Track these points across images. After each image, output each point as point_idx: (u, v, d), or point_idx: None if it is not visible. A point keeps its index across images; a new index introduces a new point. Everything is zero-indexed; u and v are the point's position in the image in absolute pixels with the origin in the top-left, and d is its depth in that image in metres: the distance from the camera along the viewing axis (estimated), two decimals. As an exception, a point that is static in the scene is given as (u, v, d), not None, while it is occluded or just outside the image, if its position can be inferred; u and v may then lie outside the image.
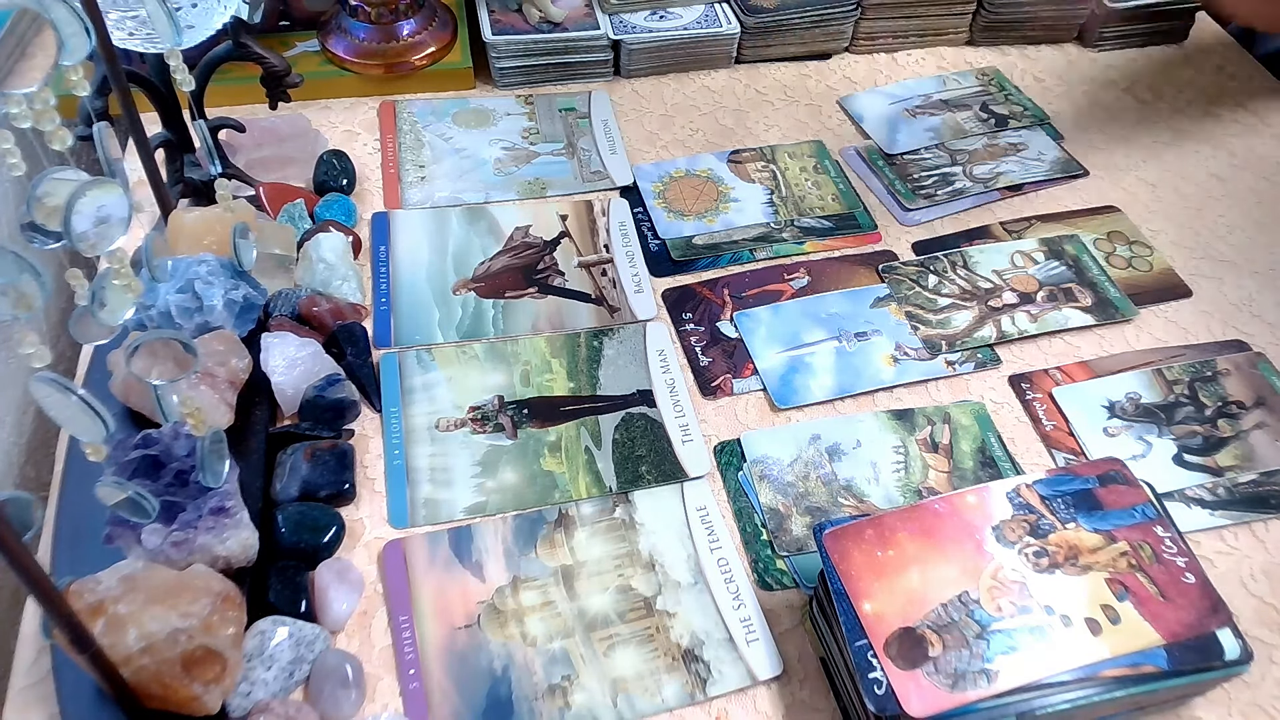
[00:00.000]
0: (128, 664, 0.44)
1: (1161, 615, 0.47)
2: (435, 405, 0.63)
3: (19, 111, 0.37)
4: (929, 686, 0.44)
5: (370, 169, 0.78)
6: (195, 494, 0.49)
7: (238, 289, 0.59)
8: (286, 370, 0.59)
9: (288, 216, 0.70)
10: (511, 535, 0.57)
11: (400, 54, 0.83)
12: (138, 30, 0.58)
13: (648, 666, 0.52)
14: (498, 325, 0.68)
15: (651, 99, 0.87)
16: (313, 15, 0.86)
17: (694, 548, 0.57)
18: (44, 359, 0.38)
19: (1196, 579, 0.48)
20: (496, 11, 0.86)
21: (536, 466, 0.60)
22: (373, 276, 0.70)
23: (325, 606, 0.52)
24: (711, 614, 0.54)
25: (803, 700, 0.51)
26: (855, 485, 0.60)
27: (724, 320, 0.69)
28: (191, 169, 0.68)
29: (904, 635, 0.45)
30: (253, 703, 0.47)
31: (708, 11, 0.89)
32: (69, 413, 0.39)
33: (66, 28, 0.39)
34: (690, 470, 0.60)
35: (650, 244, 0.74)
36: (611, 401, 0.64)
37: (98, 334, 0.44)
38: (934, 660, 0.44)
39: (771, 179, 0.80)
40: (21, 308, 0.36)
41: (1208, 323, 0.71)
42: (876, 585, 0.47)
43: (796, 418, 0.64)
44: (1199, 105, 0.90)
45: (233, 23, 0.62)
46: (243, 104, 0.79)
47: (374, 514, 0.57)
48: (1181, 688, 0.48)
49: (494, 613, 0.53)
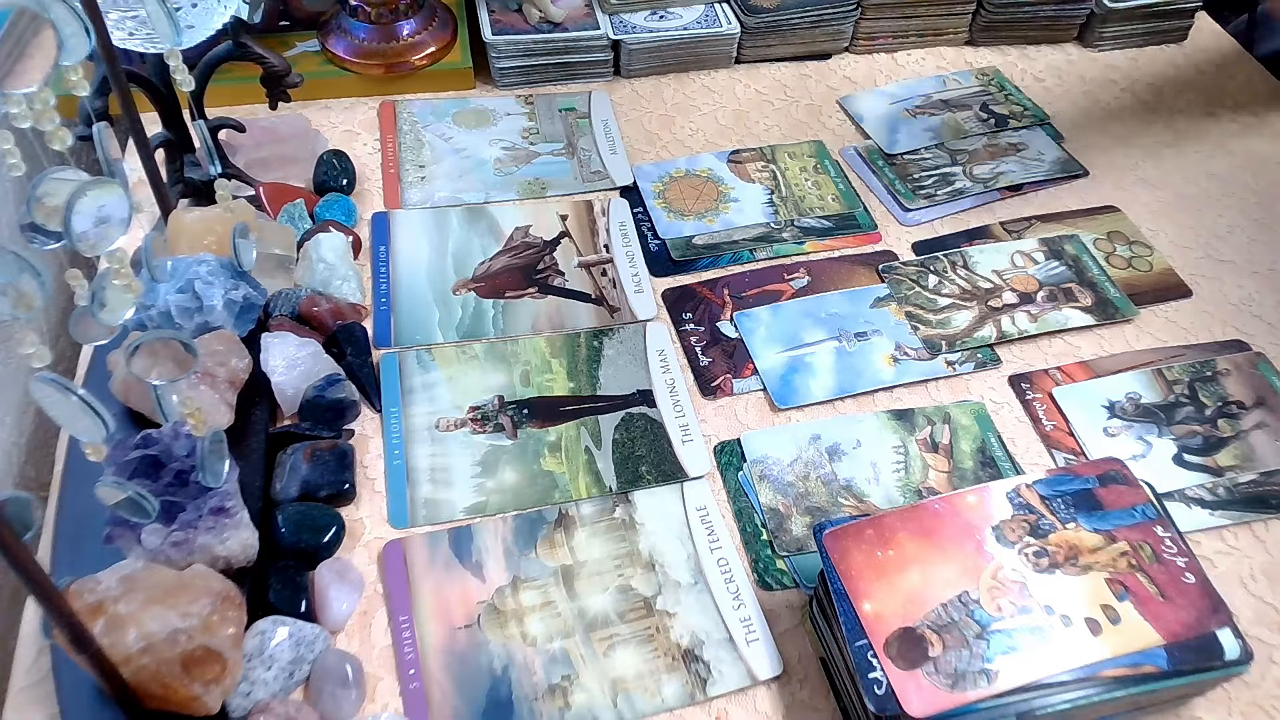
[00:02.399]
0: (128, 664, 0.44)
1: (1161, 615, 0.47)
2: (435, 405, 0.63)
3: (19, 111, 0.37)
4: (929, 686, 0.44)
5: (370, 169, 0.78)
6: (195, 494, 0.49)
7: (238, 289, 0.59)
8: (286, 370, 0.59)
9: (288, 216, 0.70)
10: (511, 535, 0.57)
11: (400, 54, 0.83)
12: (138, 30, 0.58)
13: (648, 666, 0.52)
14: (498, 325, 0.68)
15: (651, 99, 0.87)
16: (313, 15, 0.86)
17: (694, 548, 0.57)
18: (44, 359, 0.38)
19: (1196, 579, 0.48)
20: (496, 11, 0.86)
21: (536, 466, 0.60)
22: (373, 276, 0.70)
23: (325, 606, 0.52)
24: (711, 614, 0.54)
25: (803, 700, 0.51)
26: (855, 485, 0.60)
27: (724, 320, 0.69)
28: (191, 169, 0.68)
29: (904, 635, 0.45)
30: (253, 703, 0.47)
31: (708, 11, 0.89)
32: (69, 413, 0.39)
33: (66, 28, 0.39)
34: (690, 470, 0.60)
35: (650, 244, 0.74)
36: (611, 401, 0.64)
37: (98, 334, 0.44)
38: (934, 660, 0.44)
39: (771, 179, 0.80)
40: (21, 308, 0.36)
41: (1208, 323, 0.71)
42: (876, 585, 0.47)
43: (796, 418, 0.64)
44: (1199, 105, 0.90)
45: (233, 23, 0.62)
46: (243, 104, 0.79)
47: (374, 514, 0.57)
48: (1181, 687, 0.48)
49: (494, 613, 0.53)
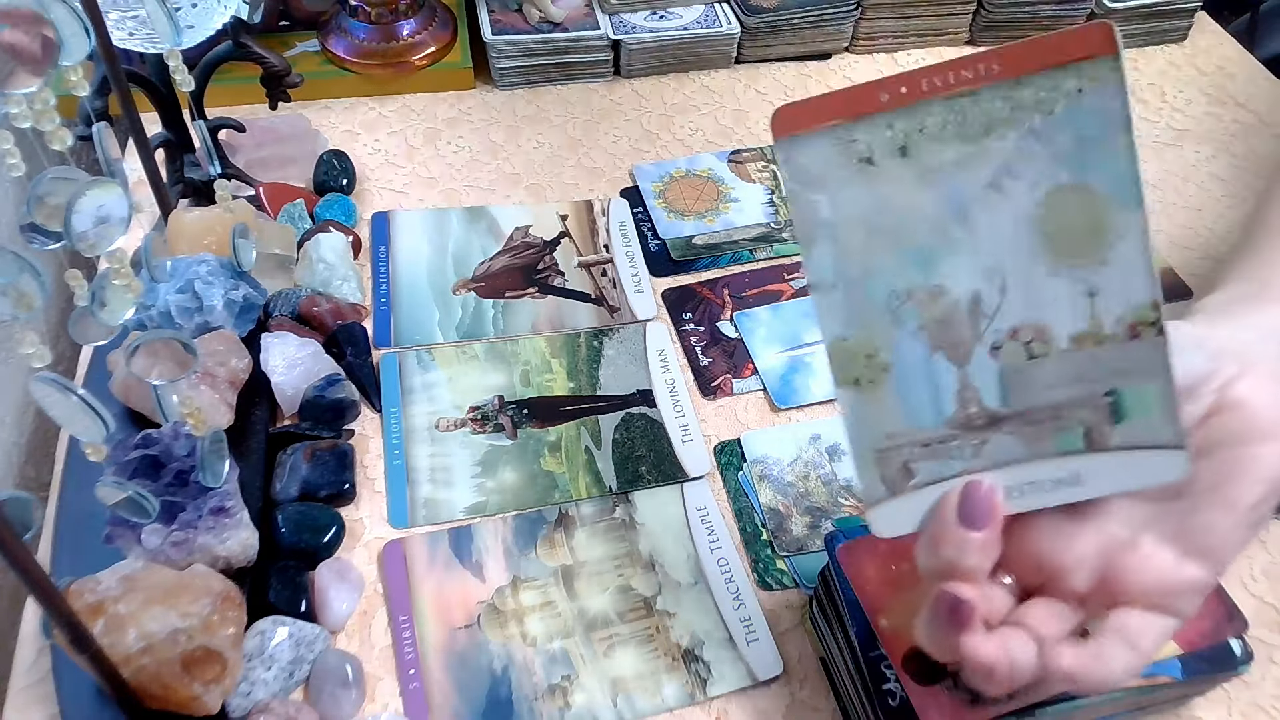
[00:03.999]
0: (128, 664, 0.44)
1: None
2: (435, 405, 0.63)
3: (19, 111, 0.37)
4: (949, 703, 0.43)
5: (370, 169, 0.78)
6: (195, 494, 0.49)
7: (238, 289, 0.59)
8: (286, 370, 0.59)
9: (288, 216, 0.70)
10: (511, 535, 0.57)
11: (400, 54, 0.83)
12: (138, 30, 0.58)
13: (648, 666, 0.52)
14: (498, 325, 0.68)
15: (651, 99, 0.87)
16: (313, 15, 0.86)
17: (694, 548, 0.57)
18: (44, 359, 0.38)
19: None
20: (496, 11, 0.86)
21: (536, 466, 0.60)
22: (373, 276, 0.70)
23: (325, 606, 0.52)
24: (711, 614, 0.54)
25: (803, 700, 0.51)
26: (855, 485, 0.60)
27: (724, 320, 0.69)
28: (191, 169, 0.68)
29: (922, 651, 0.45)
30: (253, 703, 0.47)
31: (708, 11, 0.89)
32: (69, 413, 0.39)
33: (66, 28, 0.39)
34: (690, 470, 0.60)
35: (650, 244, 0.74)
36: (611, 401, 0.64)
37: (98, 334, 0.44)
38: (953, 676, 0.43)
39: (772, 179, 0.80)
40: (21, 308, 0.36)
41: (1208, 323, 0.71)
42: (892, 600, 0.46)
43: (796, 418, 0.64)
44: (1199, 105, 0.90)
45: (233, 23, 0.62)
46: (243, 104, 0.79)
47: (374, 514, 0.57)
48: (1182, 687, 0.48)
49: (494, 613, 0.53)
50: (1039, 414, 0.37)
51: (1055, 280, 0.36)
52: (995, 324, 0.37)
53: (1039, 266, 0.36)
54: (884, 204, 0.37)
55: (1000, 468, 0.38)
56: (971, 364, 0.37)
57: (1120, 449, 0.37)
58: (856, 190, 0.37)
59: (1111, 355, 0.36)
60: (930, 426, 0.38)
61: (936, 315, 0.37)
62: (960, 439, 0.38)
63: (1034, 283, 0.36)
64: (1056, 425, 0.37)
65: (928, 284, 0.37)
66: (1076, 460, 0.37)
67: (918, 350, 0.38)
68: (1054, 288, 0.36)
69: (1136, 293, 0.36)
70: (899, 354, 0.38)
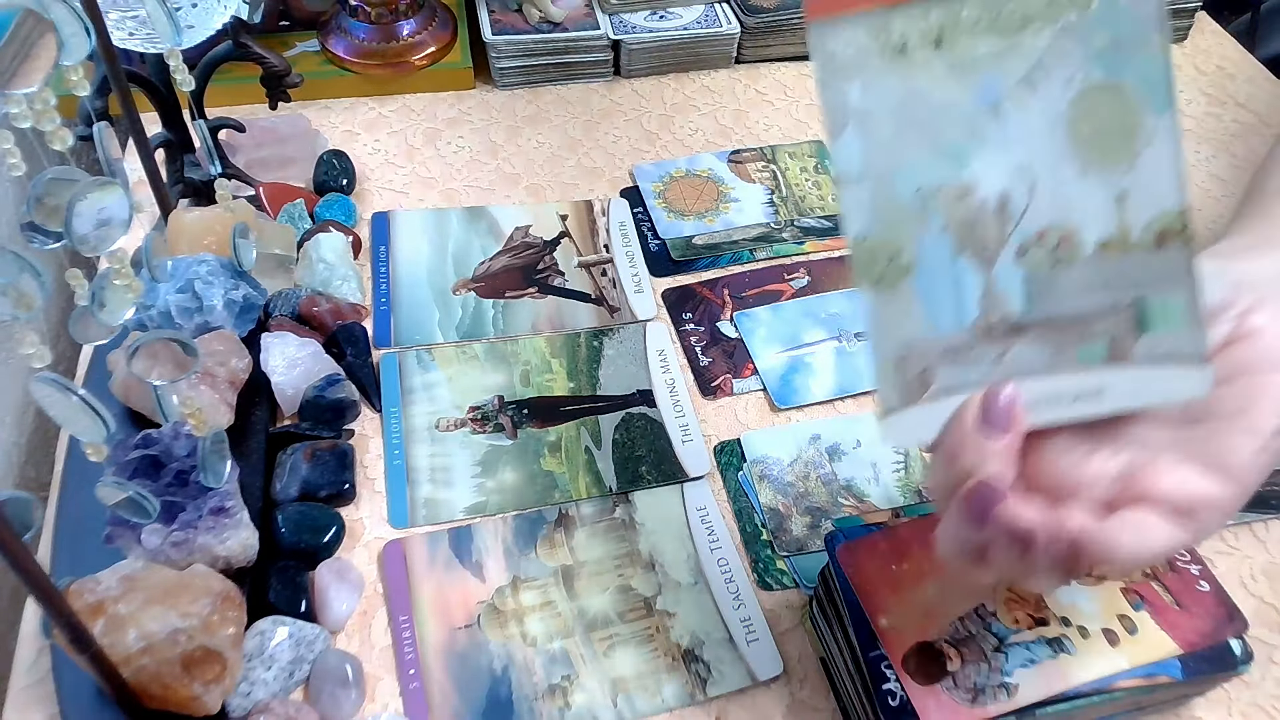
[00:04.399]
0: (128, 664, 0.44)
1: (1178, 624, 0.46)
2: (435, 405, 0.63)
3: (19, 111, 0.37)
4: (949, 702, 0.43)
5: (370, 169, 0.78)
6: (195, 494, 0.49)
7: (238, 289, 0.59)
8: (286, 370, 0.59)
9: (288, 216, 0.70)
10: (511, 535, 0.57)
11: (400, 54, 0.83)
12: (138, 30, 0.58)
13: (648, 666, 0.52)
14: (498, 325, 0.68)
15: (651, 99, 0.87)
16: (313, 15, 0.86)
17: (694, 548, 0.57)
18: (44, 359, 0.38)
19: (1211, 586, 0.47)
20: (496, 11, 0.86)
21: (536, 466, 0.60)
22: (373, 276, 0.70)
23: (325, 606, 0.52)
24: (711, 614, 0.54)
25: (803, 700, 0.51)
26: (855, 485, 0.60)
27: (724, 320, 0.69)
28: (191, 169, 0.68)
29: (922, 650, 0.44)
30: (253, 703, 0.47)
31: (708, 11, 0.89)
32: (69, 413, 0.39)
33: (66, 28, 0.39)
34: (690, 470, 0.60)
35: (650, 244, 0.74)
36: (611, 401, 0.64)
37: (98, 334, 0.44)
38: (953, 675, 0.44)
39: (772, 179, 0.80)
40: (21, 308, 0.36)
41: (1208, 323, 0.71)
42: (892, 599, 0.46)
43: (796, 418, 0.64)
44: (1199, 105, 0.90)
45: (233, 23, 0.62)
46: (243, 104, 0.79)
47: (374, 514, 0.57)
48: (1182, 687, 0.48)
49: (494, 613, 0.53)
50: (1062, 322, 0.36)
51: (1084, 182, 0.35)
52: (1022, 225, 0.36)
53: (1068, 167, 0.35)
54: (915, 96, 0.36)
55: (1020, 378, 0.37)
56: (997, 267, 0.37)
57: (1143, 362, 0.36)
58: (888, 80, 0.36)
59: (1138, 263, 0.36)
60: (952, 331, 0.37)
61: (963, 215, 0.36)
62: (981, 347, 0.37)
63: (1063, 184, 0.36)
64: (1080, 334, 0.36)
65: (956, 181, 0.36)
66: (1098, 373, 0.36)
67: (942, 251, 0.37)
68: (1082, 190, 0.35)
69: (1165, 199, 0.35)
70: (923, 254, 0.37)
